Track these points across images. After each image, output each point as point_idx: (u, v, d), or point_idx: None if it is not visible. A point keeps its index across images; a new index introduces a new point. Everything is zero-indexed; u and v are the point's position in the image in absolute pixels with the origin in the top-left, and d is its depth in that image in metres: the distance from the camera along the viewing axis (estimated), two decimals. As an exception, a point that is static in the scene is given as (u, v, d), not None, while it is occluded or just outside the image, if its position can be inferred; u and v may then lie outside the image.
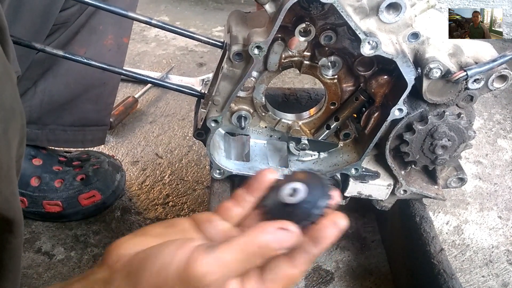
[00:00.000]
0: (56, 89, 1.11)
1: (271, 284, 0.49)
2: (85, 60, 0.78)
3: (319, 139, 0.90)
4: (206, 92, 0.85)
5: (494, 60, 0.74)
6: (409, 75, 0.75)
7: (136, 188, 1.30)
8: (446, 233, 1.20)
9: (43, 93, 1.10)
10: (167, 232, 0.54)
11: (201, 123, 0.84)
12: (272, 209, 0.52)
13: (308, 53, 0.82)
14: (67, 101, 1.14)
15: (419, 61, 0.76)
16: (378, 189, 0.92)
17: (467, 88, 0.78)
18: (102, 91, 1.19)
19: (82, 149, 1.29)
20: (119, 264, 0.49)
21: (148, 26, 0.88)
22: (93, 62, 0.78)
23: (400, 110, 0.79)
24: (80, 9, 1.05)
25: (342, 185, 0.93)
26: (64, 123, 1.17)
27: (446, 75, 0.75)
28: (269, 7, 0.72)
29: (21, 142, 0.61)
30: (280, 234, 0.46)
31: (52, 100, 1.11)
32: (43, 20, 0.96)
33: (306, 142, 0.88)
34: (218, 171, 0.91)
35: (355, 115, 0.90)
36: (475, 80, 0.76)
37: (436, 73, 0.74)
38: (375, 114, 0.84)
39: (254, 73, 0.82)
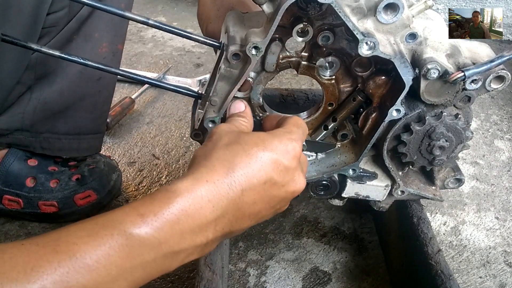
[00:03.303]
0: (50, 97, 1.10)
1: None
2: (81, 61, 0.77)
3: (317, 139, 0.90)
4: (203, 92, 0.84)
5: (491, 61, 0.74)
6: (407, 76, 0.75)
7: (133, 189, 1.30)
8: (444, 234, 1.20)
9: (38, 100, 1.09)
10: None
11: (198, 124, 0.83)
12: None
13: (306, 54, 0.82)
14: (61, 109, 1.13)
15: (416, 62, 0.76)
16: (376, 190, 0.92)
17: (464, 89, 0.78)
18: (97, 100, 1.18)
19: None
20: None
21: (145, 26, 0.88)
22: (89, 62, 0.78)
23: (398, 110, 0.79)
24: (69, 14, 1.04)
25: (340, 186, 0.93)
26: (59, 131, 1.16)
27: (444, 76, 0.75)
28: (266, 7, 0.71)
29: None
30: None
31: (46, 107, 1.11)
32: (32, 22, 0.95)
33: (304, 143, 0.88)
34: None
35: (353, 116, 0.90)
36: (472, 81, 0.76)
37: (434, 74, 0.74)
38: (373, 115, 0.84)
39: (252, 74, 0.81)
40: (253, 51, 0.72)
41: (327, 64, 0.81)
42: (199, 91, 0.85)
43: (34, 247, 0.48)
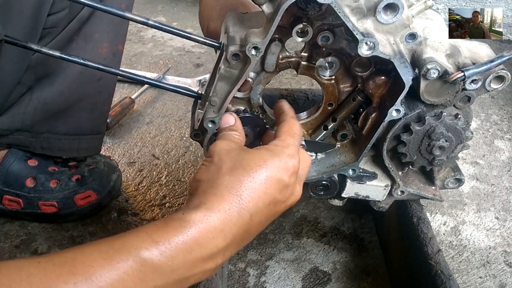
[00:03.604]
0: (50, 97, 1.10)
1: None
2: (82, 61, 0.77)
3: (317, 139, 0.90)
4: (203, 92, 0.84)
5: (491, 61, 0.74)
6: (407, 76, 0.75)
7: (133, 189, 1.30)
8: (443, 234, 1.20)
9: (38, 100, 1.09)
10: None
11: (198, 124, 0.83)
12: None
13: (306, 54, 0.82)
14: (61, 110, 1.13)
15: (416, 62, 0.76)
16: (376, 190, 0.92)
17: (464, 89, 0.78)
18: (97, 100, 1.18)
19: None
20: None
21: (145, 26, 0.88)
22: (89, 63, 0.78)
23: (398, 111, 0.79)
24: (70, 15, 1.04)
25: (340, 186, 0.93)
26: (59, 132, 1.15)
27: (444, 76, 0.75)
28: (266, 8, 0.71)
29: None
30: None
31: (46, 108, 1.11)
32: (32, 22, 0.95)
33: (304, 143, 0.88)
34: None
35: (353, 116, 0.90)
36: (472, 81, 0.76)
37: (434, 74, 0.74)
38: (373, 115, 0.84)
39: (252, 74, 0.81)
40: (253, 52, 0.72)
41: (326, 64, 0.81)
42: (199, 91, 0.85)
43: (50, 266, 0.49)
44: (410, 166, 0.92)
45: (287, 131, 0.72)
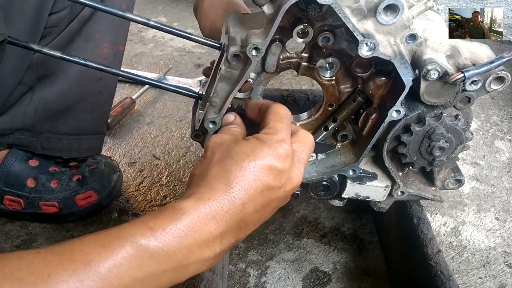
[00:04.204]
0: (51, 97, 1.10)
1: None
2: (82, 61, 0.77)
3: (317, 140, 0.90)
4: (203, 93, 0.85)
5: (491, 62, 0.74)
6: (407, 77, 0.75)
7: (134, 189, 1.30)
8: (444, 234, 1.20)
9: (39, 100, 1.09)
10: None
11: (198, 124, 0.84)
12: None
13: (306, 55, 0.82)
14: (62, 109, 1.13)
15: (416, 63, 0.76)
16: (376, 190, 0.92)
17: (464, 90, 0.78)
18: (97, 100, 1.18)
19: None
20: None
21: (146, 27, 0.89)
22: (90, 63, 0.78)
23: (398, 111, 0.79)
24: (71, 14, 1.04)
25: (340, 186, 0.93)
26: (59, 132, 1.16)
27: (444, 77, 0.75)
28: (267, 8, 0.72)
29: None
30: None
31: (46, 108, 1.11)
32: (34, 22, 0.95)
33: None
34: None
35: (353, 117, 0.90)
36: (472, 82, 0.76)
37: (434, 75, 0.74)
38: (373, 116, 0.84)
39: (252, 74, 0.82)
40: (254, 52, 0.72)
41: (327, 65, 0.81)
42: (200, 92, 0.85)
43: (50, 255, 0.51)
44: (410, 167, 0.92)
45: (274, 117, 0.72)
